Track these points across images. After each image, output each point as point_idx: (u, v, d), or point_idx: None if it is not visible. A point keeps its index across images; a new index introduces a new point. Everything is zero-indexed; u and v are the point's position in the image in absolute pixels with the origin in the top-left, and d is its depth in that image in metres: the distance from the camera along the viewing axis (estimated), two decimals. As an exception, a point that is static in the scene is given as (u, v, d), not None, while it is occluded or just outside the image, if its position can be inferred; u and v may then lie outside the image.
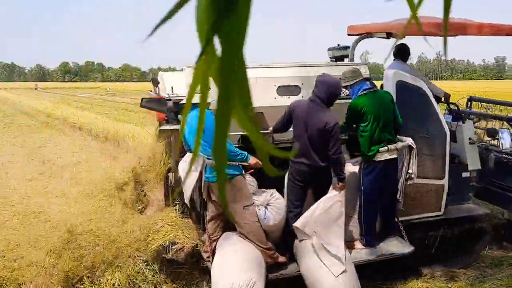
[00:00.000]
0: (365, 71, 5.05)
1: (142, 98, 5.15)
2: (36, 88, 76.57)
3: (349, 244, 4.73)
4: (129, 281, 4.69)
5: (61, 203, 7.70)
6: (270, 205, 4.46)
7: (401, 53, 5.87)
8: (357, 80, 4.74)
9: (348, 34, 6.21)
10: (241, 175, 4.33)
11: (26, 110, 27.63)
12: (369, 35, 5.94)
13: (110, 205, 7.49)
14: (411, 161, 4.83)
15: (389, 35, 5.56)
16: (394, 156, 4.77)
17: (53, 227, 6.34)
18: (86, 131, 16.68)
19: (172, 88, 5.35)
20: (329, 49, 6.07)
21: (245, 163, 4.30)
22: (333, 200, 4.39)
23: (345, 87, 4.78)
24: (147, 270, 4.84)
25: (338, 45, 5.86)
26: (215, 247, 4.39)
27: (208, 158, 4.19)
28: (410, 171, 4.84)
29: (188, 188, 4.43)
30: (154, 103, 5.11)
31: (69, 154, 12.11)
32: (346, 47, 6.03)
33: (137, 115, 24.81)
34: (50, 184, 9.09)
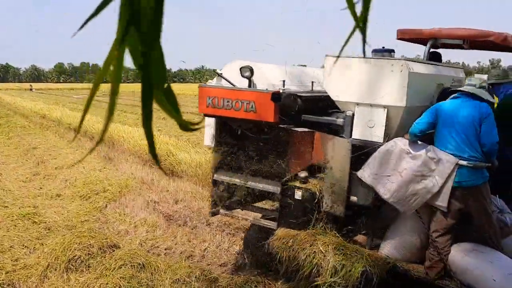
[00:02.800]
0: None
1: (274, 93, 4.33)
2: (31, 89, 76.19)
3: None
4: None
5: (56, 204, 7.69)
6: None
7: (436, 60, 5.80)
8: (506, 81, 4.69)
9: (398, 39, 6.12)
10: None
11: (21, 111, 27.50)
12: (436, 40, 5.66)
13: (104, 207, 7.49)
14: None
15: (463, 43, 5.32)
16: None
17: (47, 229, 6.32)
18: (81, 132, 16.62)
19: (312, 83, 5.21)
20: (373, 51, 5.96)
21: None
22: None
23: (492, 84, 4.70)
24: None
25: (383, 47, 5.78)
26: (445, 261, 4.06)
27: (463, 159, 3.89)
28: None
29: (443, 196, 3.97)
30: (287, 99, 4.48)
31: (63, 155, 12.07)
32: (391, 51, 5.92)
33: (132, 116, 24.77)
34: (44, 185, 9.08)
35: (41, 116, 23.26)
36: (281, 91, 4.50)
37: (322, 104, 4.67)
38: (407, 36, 5.97)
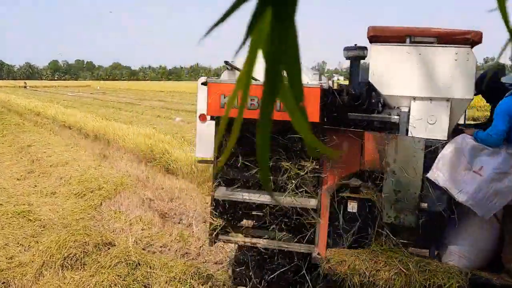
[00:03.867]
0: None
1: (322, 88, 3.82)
2: (25, 87, 75.90)
3: None
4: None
5: (50, 202, 7.67)
6: None
7: None
8: None
9: (370, 36, 6.01)
10: None
11: (15, 108, 27.40)
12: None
13: (99, 204, 7.48)
14: None
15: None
16: None
17: (42, 227, 6.31)
18: (76, 130, 16.58)
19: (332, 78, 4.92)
20: (345, 48, 5.88)
21: None
22: None
23: None
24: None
25: (355, 45, 5.70)
26: None
27: None
28: None
29: None
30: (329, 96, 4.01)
31: (58, 153, 12.03)
32: (364, 48, 5.82)
33: (127, 114, 24.71)
34: (39, 183, 9.05)
35: (36, 113, 23.19)
36: (323, 85, 3.83)
37: (362, 100, 4.20)
38: (379, 33, 5.87)
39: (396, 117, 3.93)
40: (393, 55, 3.92)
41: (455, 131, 3.95)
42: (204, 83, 4.20)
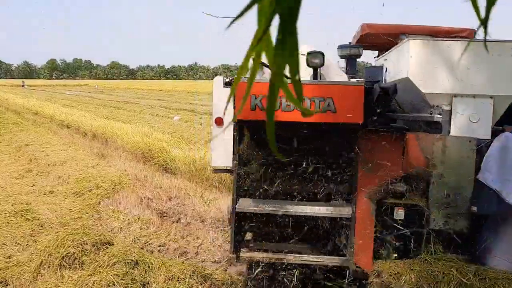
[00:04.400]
0: None
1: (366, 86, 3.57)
2: (23, 86, 75.70)
3: None
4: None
5: (49, 201, 7.65)
6: None
7: None
8: None
9: (363, 34, 5.89)
10: None
11: (13, 107, 27.35)
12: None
13: (98, 204, 7.47)
14: None
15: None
16: None
17: (40, 226, 6.30)
18: (74, 129, 16.55)
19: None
20: (339, 47, 5.79)
21: None
22: None
23: None
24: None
25: (350, 43, 5.62)
26: None
27: None
28: None
29: None
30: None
31: (56, 152, 12.01)
32: (359, 46, 5.69)
33: (125, 113, 24.67)
34: (37, 182, 9.03)
35: (34, 112, 23.16)
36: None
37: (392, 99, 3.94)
38: (373, 30, 5.79)
39: (439, 116, 3.67)
40: (433, 50, 3.70)
41: (494, 130, 3.77)
42: (228, 83, 3.86)
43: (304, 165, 3.69)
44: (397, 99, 4.13)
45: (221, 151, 3.96)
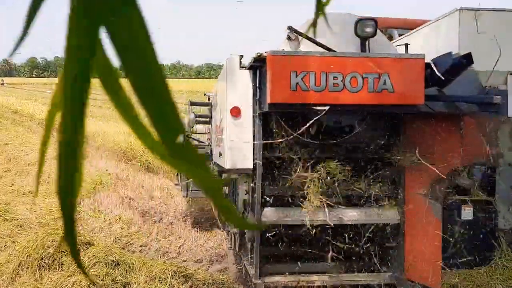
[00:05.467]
0: None
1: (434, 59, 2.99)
2: (2, 84, 74.44)
3: None
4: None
5: (28, 201, 7.54)
6: None
7: None
8: None
9: None
10: None
11: (-8, 106, 26.93)
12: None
13: (78, 203, 7.39)
14: None
15: None
16: None
17: (19, 226, 6.21)
18: (54, 128, 16.34)
19: None
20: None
21: None
22: None
23: None
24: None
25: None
26: None
27: None
28: None
29: None
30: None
31: (36, 152, 11.83)
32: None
33: (107, 111, 24.46)
34: (16, 182, 8.89)
35: (13, 111, 22.81)
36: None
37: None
38: None
39: (498, 96, 3.09)
40: (487, 23, 3.27)
41: None
42: (249, 66, 3.05)
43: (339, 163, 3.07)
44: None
45: (237, 149, 3.14)
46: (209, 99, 4.90)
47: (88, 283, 4.44)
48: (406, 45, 3.51)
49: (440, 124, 2.99)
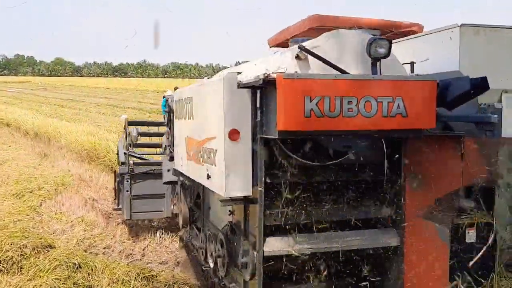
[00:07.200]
0: None
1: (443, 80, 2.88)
2: (-41, 81, 71.93)
3: None
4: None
5: (-14, 203, 7.33)
6: None
7: None
8: None
9: (308, 29, 5.64)
10: None
11: None
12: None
13: (39, 205, 7.23)
14: None
15: None
16: None
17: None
18: (15, 128, 15.93)
19: None
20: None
21: None
22: None
23: None
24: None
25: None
26: None
27: None
28: None
29: None
30: None
31: (-5, 152, 11.52)
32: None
33: (70, 111, 23.98)
34: (-26, 184, 8.63)
35: (-29, 110, 22.10)
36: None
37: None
38: (321, 24, 5.62)
39: (495, 116, 3.05)
40: (487, 40, 3.26)
41: None
42: (251, 85, 2.73)
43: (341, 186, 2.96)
44: None
45: (236, 175, 2.83)
46: (167, 101, 4.84)
47: (49, 286, 4.35)
48: (412, 63, 3.41)
49: (439, 144, 2.97)
